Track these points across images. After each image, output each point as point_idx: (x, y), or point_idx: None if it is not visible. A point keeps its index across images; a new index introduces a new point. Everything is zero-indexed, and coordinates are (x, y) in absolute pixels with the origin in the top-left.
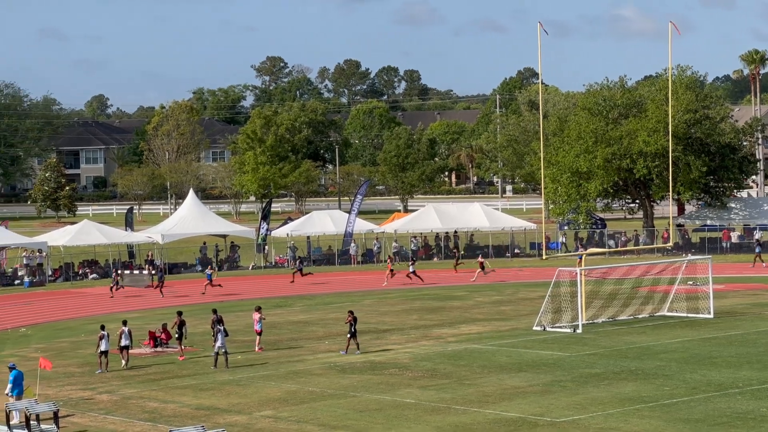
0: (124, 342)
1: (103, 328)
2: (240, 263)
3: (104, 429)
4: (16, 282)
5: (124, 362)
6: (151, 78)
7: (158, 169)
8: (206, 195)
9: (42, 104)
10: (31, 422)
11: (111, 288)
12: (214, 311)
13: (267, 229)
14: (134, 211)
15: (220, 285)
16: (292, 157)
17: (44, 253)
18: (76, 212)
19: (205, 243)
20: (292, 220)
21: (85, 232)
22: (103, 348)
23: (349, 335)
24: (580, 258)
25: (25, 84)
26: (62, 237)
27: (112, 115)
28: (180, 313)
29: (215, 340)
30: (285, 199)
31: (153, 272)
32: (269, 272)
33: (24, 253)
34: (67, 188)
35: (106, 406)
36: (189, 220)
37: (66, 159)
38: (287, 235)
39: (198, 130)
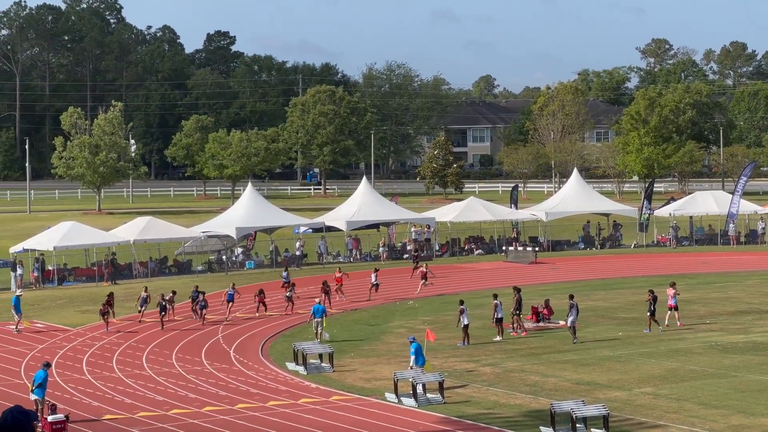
0: (499, 315)
1: (461, 302)
2: (622, 242)
3: (486, 400)
4: (405, 256)
5: (499, 337)
6: (538, 59)
7: (543, 148)
8: (590, 174)
9: (432, 84)
10: (418, 392)
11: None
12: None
13: (649, 209)
14: (519, 189)
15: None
16: (676, 137)
17: (432, 229)
18: (463, 189)
19: (588, 221)
20: (675, 200)
21: (472, 208)
22: (465, 322)
23: (648, 314)
24: None
25: (417, 64)
26: (449, 213)
27: (498, 95)
28: (517, 289)
29: (569, 315)
30: (668, 179)
31: (534, 248)
32: (651, 251)
33: (413, 228)
34: (455, 166)
35: (489, 378)
36: (572, 198)
37: (454, 137)
38: (670, 214)
39: (582, 111)
